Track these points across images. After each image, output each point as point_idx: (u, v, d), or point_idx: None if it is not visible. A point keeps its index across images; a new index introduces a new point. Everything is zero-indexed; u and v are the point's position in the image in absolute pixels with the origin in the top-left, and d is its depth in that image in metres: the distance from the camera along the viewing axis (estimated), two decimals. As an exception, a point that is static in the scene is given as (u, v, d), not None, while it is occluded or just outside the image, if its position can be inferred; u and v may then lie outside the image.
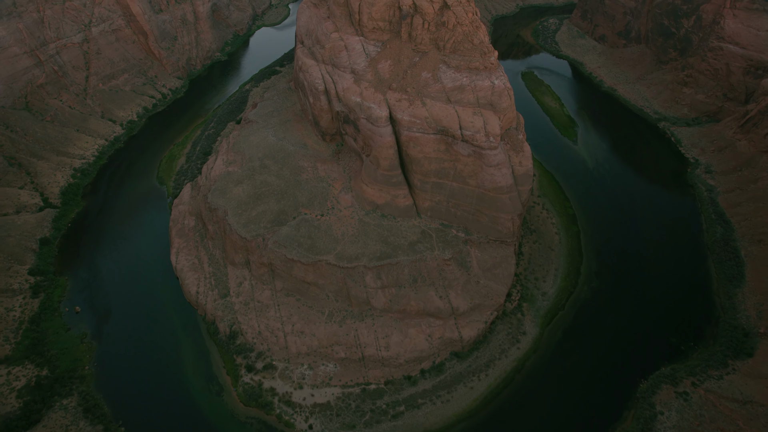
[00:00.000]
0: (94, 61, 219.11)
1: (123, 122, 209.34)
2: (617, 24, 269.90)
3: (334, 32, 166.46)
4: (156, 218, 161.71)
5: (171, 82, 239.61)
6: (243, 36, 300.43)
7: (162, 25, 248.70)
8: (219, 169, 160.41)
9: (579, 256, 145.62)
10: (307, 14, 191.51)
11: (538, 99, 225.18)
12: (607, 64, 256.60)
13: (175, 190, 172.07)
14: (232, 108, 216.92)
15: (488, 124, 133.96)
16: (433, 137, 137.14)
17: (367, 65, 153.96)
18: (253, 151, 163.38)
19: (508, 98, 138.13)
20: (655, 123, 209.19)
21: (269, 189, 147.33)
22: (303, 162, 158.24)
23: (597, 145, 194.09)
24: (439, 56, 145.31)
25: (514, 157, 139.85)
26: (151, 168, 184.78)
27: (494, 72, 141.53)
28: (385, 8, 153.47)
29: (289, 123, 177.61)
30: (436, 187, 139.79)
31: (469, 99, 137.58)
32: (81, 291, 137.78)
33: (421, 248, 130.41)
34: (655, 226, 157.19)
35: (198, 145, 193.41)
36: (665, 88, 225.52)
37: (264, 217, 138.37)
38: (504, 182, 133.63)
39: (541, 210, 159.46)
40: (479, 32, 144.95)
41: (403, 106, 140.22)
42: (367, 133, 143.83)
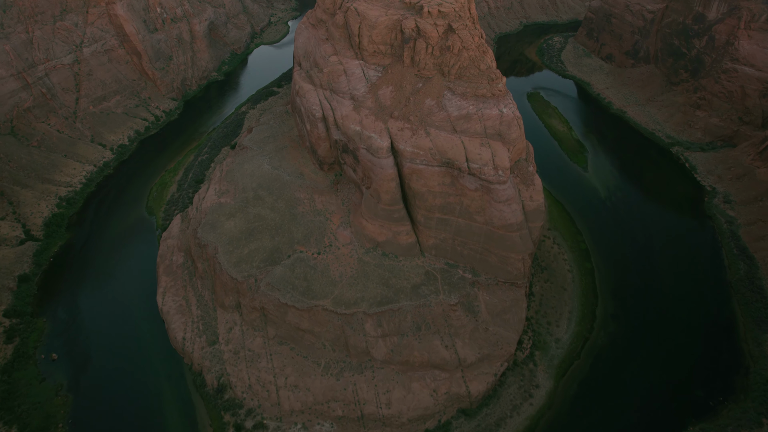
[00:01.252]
0: (84, 83, 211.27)
1: (113, 147, 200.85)
2: (625, 43, 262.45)
3: (332, 55, 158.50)
4: (143, 253, 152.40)
5: (165, 104, 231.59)
6: (241, 55, 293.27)
7: (157, 44, 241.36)
8: (211, 200, 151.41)
9: (594, 297, 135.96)
10: (305, 35, 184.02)
11: (545, 122, 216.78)
12: (615, 85, 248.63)
13: (165, 221, 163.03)
14: (227, 132, 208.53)
15: (497, 156, 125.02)
16: (438, 170, 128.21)
17: (367, 91, 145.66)
18: (247, 180, 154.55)
19: (517, 128, 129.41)
20: (668, 147, 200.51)
21: (263, 223, 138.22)
22: (299, 193, 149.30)
23: (608, 172, 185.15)
24: (443, 82, 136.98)
25: (524, 191, 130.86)
26: (140, 196, 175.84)
27: (502, 99, 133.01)
28: (386, 31, 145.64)
29: (286, 150, 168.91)
30: (441, 223, 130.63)
31: (475, 129, 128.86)
32: (59, 335, 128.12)
33: (425, 292, 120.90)
34: (672, 261, 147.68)
35: (190, 172, 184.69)
36: (677, 111, 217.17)
37: (257, 256, 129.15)
38: (514, 219, 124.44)
39: (552, 244, 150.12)
40: (486, 57, 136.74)
41: (406, 135, 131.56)
42: (367, 165, 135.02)
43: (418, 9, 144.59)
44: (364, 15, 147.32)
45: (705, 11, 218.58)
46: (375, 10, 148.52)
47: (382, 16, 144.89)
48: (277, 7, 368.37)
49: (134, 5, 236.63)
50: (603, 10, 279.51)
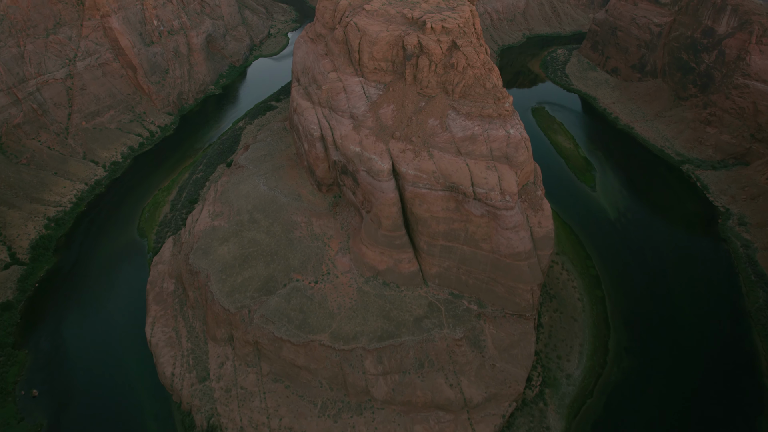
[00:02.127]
0: (77, 98, 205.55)
1: (106, 164, 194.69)
2: (631, 57, 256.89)
3: (331, 72, 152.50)
4: (133, 278, 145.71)
5: (160, 119, 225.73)
6: (239, 67, 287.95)
7: (153, 58, 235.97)
8: (204, 223, 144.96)
9: (606, 328, 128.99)
10: (304, 50, 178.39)
11: (550, 138, 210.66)
12: (622, 100, 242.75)
13: (157, 244, 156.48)
14: (223, 148, 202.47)
15: (503, 180, 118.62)
16: (442, 194, 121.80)
17: (367, 110, 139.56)
18: (242, 202, 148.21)
19: (525, 150, 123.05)
20: (678, 165, 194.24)
21: (258, 249, 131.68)
22: (296, 216, 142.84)
23: (617, 192, 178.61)
24: (447, 101, 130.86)
25: (532, 216, 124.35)
26: (132, 217, 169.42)
27: (509, 120, 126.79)
28: (387, 47, 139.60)
29: (283, 169, 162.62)
30: (444, 251, 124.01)
31: (481, 151, 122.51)
32: (41, 368, 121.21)
33: (428, 325, 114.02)
34: (687, 289, 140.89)
35: (184, 191, 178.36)
36: (686, 127, 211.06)
37: (251, 284, 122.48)
38: (522, 247, 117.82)
39: (560, 270, 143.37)
40: (492, 75, 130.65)
41: (408, 157, 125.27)
42: (367, 188, 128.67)
43: (421, 25, 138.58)
44: (365, 30, 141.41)
45: (714, 25, 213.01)
46: (376, 26, 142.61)
47: (383, 32, 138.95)
48: (276, 19, 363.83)
49: (130, 18, 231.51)
50: (608, 23, 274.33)
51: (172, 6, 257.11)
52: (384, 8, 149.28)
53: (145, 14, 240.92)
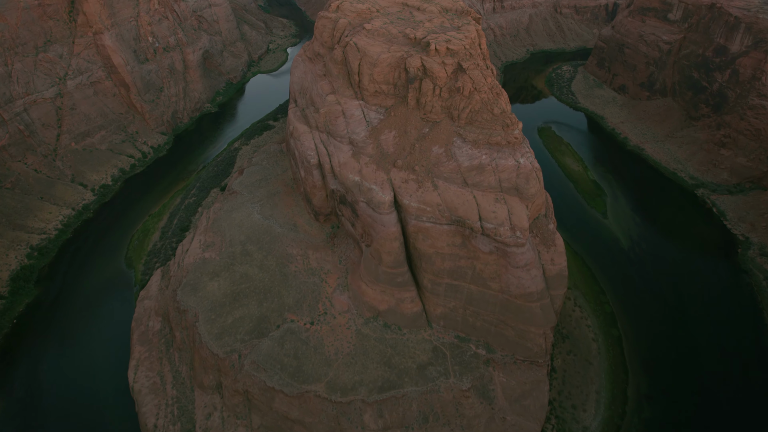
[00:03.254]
0: (67, 118, 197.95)
1: (95, 187, 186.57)
2: (639, 74, 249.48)
3: (330, 94, 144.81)
4: (118, 314, 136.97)
5: (153, 139, 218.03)
6: (237, 84, 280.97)
7: (147, 75, 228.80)
8: (194, 254, 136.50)
9: (624, 372, 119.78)
10: (302, 69, 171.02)
11: (558, 160, 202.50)
12: (631, 119, 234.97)
13: (144, 276, 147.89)
14: (217, 171, 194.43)
15: (514, 214, 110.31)
16: (447, 228, 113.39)
17: (367, 135, 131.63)
18: (235, 232, 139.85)
19: (536, 181, 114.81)
20: (692, 190, 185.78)
21: (250, 286, 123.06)
22: (292, 248, 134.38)
23: (629, 219, 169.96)
24: (452, 128, 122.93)
25: (544, 253, 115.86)
26: (120, 245, 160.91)
27: (519, 148, 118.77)
28: (389, 69, 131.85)
29: (278, 196, 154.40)
30: (450, 290, 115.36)
31: (489, 182, 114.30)
32: (13, 417, 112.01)
33: (433, 374, 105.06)
34: (708, 326, 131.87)
35: (176, 218, 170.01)
36: (699, 149, 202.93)
37: (242, 326, 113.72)
38: (534, 287, 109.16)
39: (573, 307, 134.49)
40: (500, 100, 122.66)
41: (411, 188, 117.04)
42: (367, 220, 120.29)
43: (424, 46, 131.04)
44: (365, 51, 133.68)
45: (727, 43, 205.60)
46: (377, 46, 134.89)
47: (385, 53, 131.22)
48: (276, 34, 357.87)
49: (124, 35, 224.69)
50: (615, 40, 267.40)
51: (168, 22, 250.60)
52: (385, 27, 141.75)
53: (140, 31, 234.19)
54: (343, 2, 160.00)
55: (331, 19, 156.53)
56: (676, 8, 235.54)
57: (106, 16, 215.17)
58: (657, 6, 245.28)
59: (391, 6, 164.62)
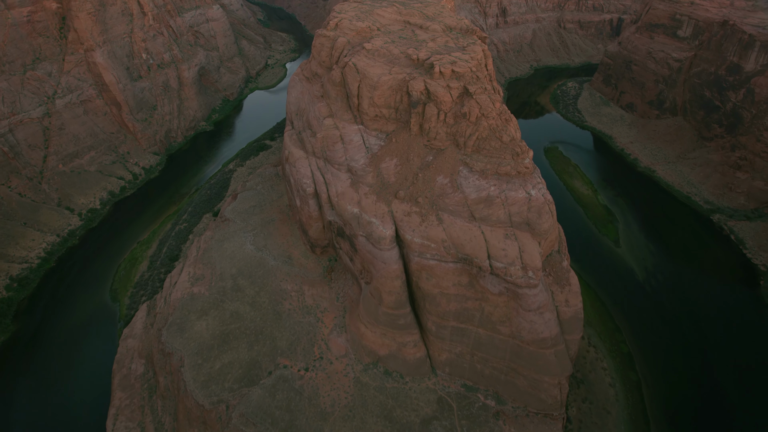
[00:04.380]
0: (55, 138, 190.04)
1: (82, 211, 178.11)
2: (648, 92, 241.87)
3: (327, 117, 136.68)
4: (100, 353, 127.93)
5: (145, 159, 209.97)
6: (233, 101, 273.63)
7: (140, 93, 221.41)
8: (182, 289, 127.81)
9: (644, 422, 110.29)
10: (299, 89, 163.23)
11: (566, 183, 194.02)
12: (641, 139, 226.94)
13: (130, 310, 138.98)
14: (210, 194, 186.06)
15: (525, 252, 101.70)
16: (453, 267, 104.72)
17: (367, 163, 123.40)
18: (226, 264, 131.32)
19: (549, 216, 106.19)
20: (708, 215, 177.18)
21: (241, 326, 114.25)
22: (286, 284, 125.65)
23: (643, 247, 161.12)
24: (458, 156, 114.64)
25: (558, 293, 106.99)
26: (105, 275, 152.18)
27: (530, 179, 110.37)
28: (390, 92, 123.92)
29: (273, 224, 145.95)
30: (456, 333, 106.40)
31: (498, 216, 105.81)
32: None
33: (438, 429, 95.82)
34: (734, 369, 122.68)
35: (165, 245, 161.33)
36: (713, 171, 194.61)
37: (230, 372, 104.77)
38: (547, 332, 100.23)
39: (587, 347, 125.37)
40: (509, 126, 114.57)
41: (413, 222, 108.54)
42: (366, 256, 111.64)
43: (428, 68, 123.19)
44: (365, 73, 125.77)
45: (741, 62, 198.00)
46: (377, 68, 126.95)
47: (386, 75, 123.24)
48: (275, 49, 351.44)
49: (116, 52, 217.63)
50: (622, 56, 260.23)
51: (163, 38, 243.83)
52: (386, 47, 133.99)
53: (133, 47, 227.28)
54: (341, 20, 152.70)
55: (329, 37, 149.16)
56: (685, 25, 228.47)
57: (98, 32, 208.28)
58: (666, 22, 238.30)
59: (392, 24, 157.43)
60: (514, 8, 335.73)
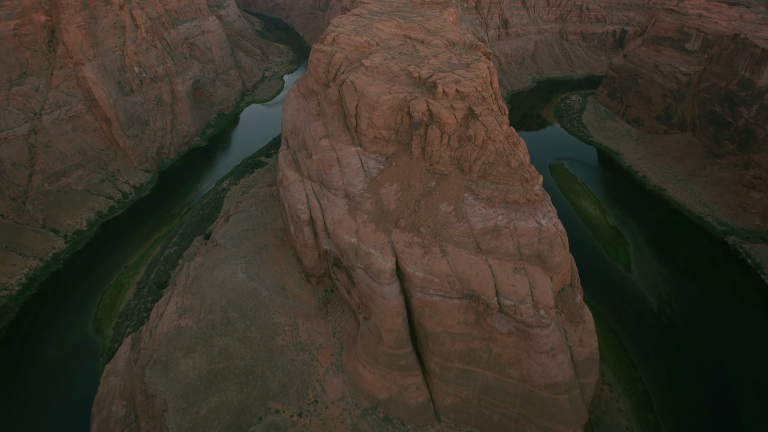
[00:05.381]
0: (41, 156, 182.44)
1: (68, 233, 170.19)
2: (655, 107, 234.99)
3: (324, 138, 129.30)
4: (80, 391, 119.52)
5: (136, 177, 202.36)
6: (229, 115, 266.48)
7: (131, 108, 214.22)
8: (169, 321, 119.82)
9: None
10: (294, 106, 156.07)
11: (573, 203, 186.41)
12: (648, 155, 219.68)
13: (113, 343, 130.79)
14: (202, 215, 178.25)
15: (536, 288, 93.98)
16: (458, 303, 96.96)
17: (365, 188, 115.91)
18: (216, 294, 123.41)
19: (561, 248, 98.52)
20: (722, 237, 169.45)
21: (230, 365, 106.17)
22: (279, 317, 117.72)
23: (656, 273, 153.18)
24: (463, 182, 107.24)
25: (571, 332, 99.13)
26: (89, 303, 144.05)
27: (540, 207, 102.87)
28: (390, 113, 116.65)
29: (266, 250, 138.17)
30: (462, 376, 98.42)
31: (507, 248, 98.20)
32: None
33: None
34: (757, 409, 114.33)
35: (153, 271, 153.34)
36: (726, 190, 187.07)
37: (218, 418, 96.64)
38: (561, 376, 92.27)
39: (601, 386, 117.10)
40: (518, 151, 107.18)
41: (415, 254, 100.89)
42: (364, 290, 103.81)
43: (430, 87, 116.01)
44: (363, 91, 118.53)
45: (753, 77, 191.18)
46: (376, 86, 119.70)
47: (385, 94, 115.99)
48: (272, 61, 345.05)
49: (107, 66, 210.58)
50: (627, 70, 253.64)
51: (157, 51, 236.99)
52: (386, 64, 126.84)
53: (125, 61, 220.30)
54: (339, 34, 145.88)
55: (326, 53, 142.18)
56: (694, 38, 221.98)
57: (88, 46, 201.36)
58: (673, 35, 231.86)
59: (392, 38, 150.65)
60: (516, 20, 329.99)
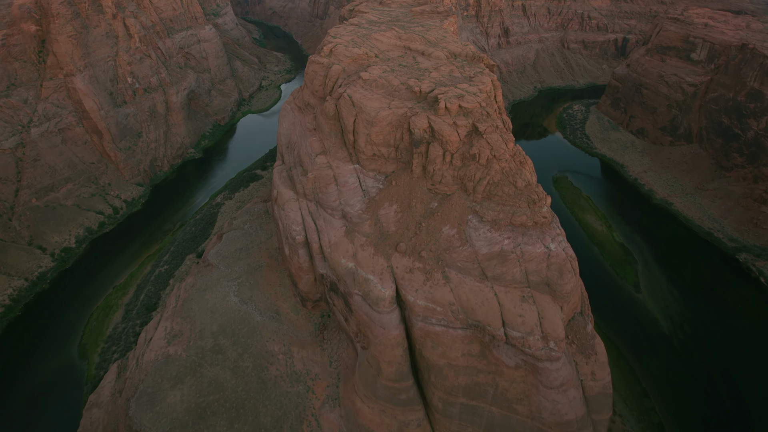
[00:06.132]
0: (28, 170, 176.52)
1: (56, 251, 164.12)
2: (660, 117, 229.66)
3: (320, 154, 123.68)
4: (61, 424, 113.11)
5: (127, 191, 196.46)
6: (225, 126, 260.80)
7: (123, 120, 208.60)
8: (157, 348, 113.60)
9: None
10: (290, 119, 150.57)
11: (578, 218, 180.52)
12: (654, 167, 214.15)
13: (99, 370, 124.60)
14: (195, 232, 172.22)
15: (545, 318, 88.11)
16: (462, 334, 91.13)
17: (363, 209, 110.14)
18: (207, 319, 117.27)
19: (572, 275, 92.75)
20: (733, 254, 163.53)
21: (220, 397, 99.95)
22: (273, 344, 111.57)
23: (666, 293, 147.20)
24: (467, 203, 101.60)
25: (582, 365, 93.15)
26: (75, 326, 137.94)
27: (548, 230, 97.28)
28: (389, 129, 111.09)
29: (260, 272, 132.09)
30: (466, 412, 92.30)
31: (513, 274, 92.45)
32: None
33: None
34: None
35: (143, 292, 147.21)
36: (736, 204, 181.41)
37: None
38: (572, 414, 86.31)
39: (612, 418, 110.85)
40: (524, 170, 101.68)
41: (417, 281, 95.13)
42: (362, 318, 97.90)
43: (432, 102, 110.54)
44: (361, 106, 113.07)
45: (762, 88, 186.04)
46: (375, 101, 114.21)
47: (384, 109, 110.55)
48: (270, 69, 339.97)
49: (99, 77, 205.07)
50: (631, 79, 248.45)
51: (151, 61, 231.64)
52: (385, 77, 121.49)
53: (118, 71, 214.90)
54: (336, 45, 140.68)
55: (323, 64, 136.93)
56: (700, 48, 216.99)
57: (79, 56, 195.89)
58: (678, 45, 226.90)
59: (391, 50, 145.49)
60: (517, 28, 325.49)
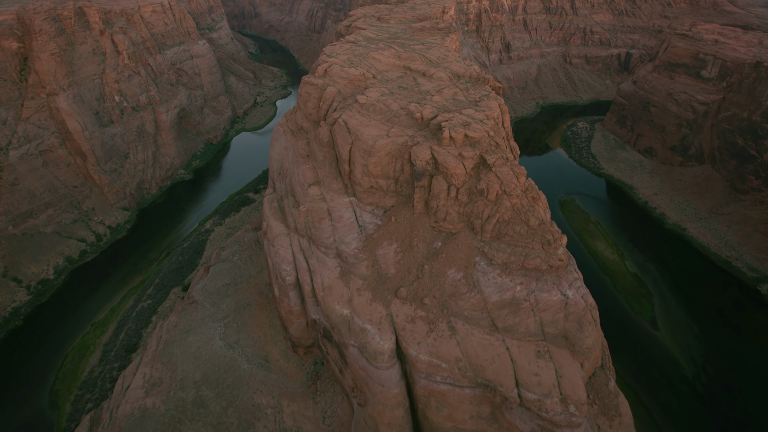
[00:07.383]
0: (5, 196, 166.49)
1: (32, 283, 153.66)
2: (669, 137, 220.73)
3: (313, 184, 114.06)
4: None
5: (112, 216, 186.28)
6: (217, 145, 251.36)
7: (109, 140, 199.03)
8: (133, 399, 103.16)
9: None
10: (282, 143, 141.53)
11: (588, 245, 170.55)
12: (665, 190, 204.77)
13: (70, 422, 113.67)
14: (181, 262, 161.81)
15: (564, 377, 78.07)
16: (470, 393, 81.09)
17: (360, 247, 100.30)
18: (189, 366, 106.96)
19: (592, 327, 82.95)
20: (754, 285, 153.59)
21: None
22: (261, 396, 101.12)
23: (686, 330, 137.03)
24: (474, 243, 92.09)
25: (606, 428, 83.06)
26: (48, 370, 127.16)
27: (564, 274, 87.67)
28: (388, 159, 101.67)
29: (248, 310, 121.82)
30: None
31: (527, 326, 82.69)
32: None
33: None
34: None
35: (123, 330, 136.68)
36: (754, 230, 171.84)
37: None
38: (598, 489, 75.86)
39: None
40: (537, 207, 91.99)
41: (419, 332, 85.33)
42: (359, 373, 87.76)
43: (435, 129, 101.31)
44: (358, 134, 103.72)
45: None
46: (373, 128, 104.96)
47: (383, 138, 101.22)
48: (265, 85, 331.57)
49: (84, 96, 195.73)
50: (638, 97, 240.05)
51: (140, 78, 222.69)
52: (384, 101, 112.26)
53: (105, 90, 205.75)
54: (331, 65, 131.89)
55: (317, 86, 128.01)
56: (710, 65, 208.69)
57: (62, 74, 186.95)
58: (688, 62, 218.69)
59: (390, 70, 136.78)
60: (518, 43, 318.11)
